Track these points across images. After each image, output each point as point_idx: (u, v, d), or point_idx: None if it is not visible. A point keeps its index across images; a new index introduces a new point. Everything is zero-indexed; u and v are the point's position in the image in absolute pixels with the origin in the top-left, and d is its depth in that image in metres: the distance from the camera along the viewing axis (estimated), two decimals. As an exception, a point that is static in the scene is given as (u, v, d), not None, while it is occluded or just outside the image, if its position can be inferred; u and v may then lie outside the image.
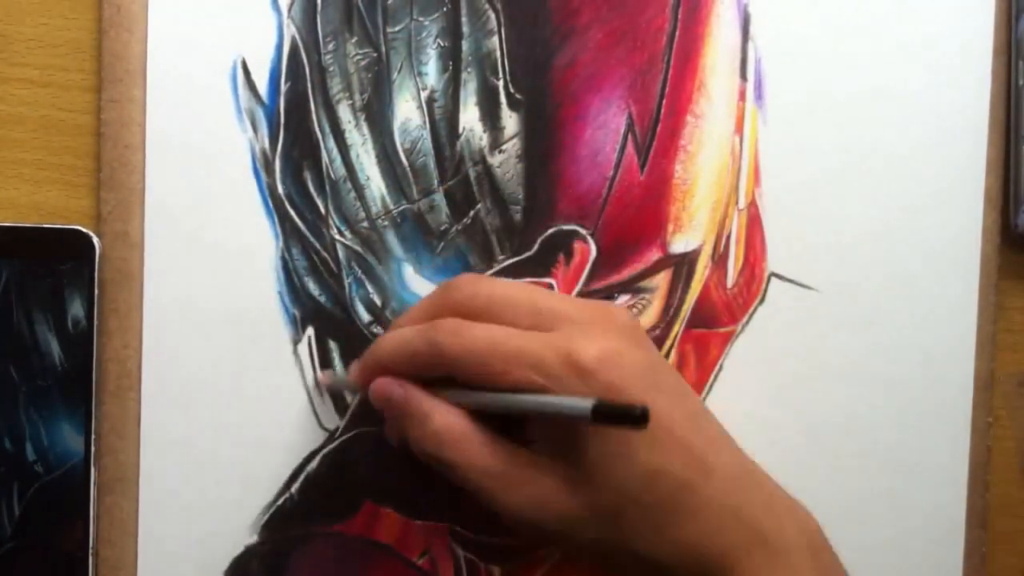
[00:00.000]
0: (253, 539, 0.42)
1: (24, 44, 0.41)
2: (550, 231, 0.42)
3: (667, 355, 0.42)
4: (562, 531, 0.35)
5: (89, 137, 0.41)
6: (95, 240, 0.40)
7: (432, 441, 0.36)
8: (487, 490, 0.35)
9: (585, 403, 0.32)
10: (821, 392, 0.42)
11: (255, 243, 0.41)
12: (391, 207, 0.42)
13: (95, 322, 0.40)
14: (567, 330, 0.35)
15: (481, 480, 0.35)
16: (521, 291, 0.37)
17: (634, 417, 0.31)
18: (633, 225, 0.42)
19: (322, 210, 0.42)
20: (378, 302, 0.42)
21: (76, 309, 0.41)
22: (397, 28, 0.41)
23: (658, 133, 0.42)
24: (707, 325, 0.42)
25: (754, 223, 0.42)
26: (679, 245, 0.42)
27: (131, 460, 0.41)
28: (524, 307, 0.36)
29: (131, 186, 0.41)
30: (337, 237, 0.42)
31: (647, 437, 0.34)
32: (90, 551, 0.41)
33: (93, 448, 0.41)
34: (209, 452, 0.41)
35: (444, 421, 0.36)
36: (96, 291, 0.40)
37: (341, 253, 0.42)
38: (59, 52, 0.41)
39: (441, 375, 0.36)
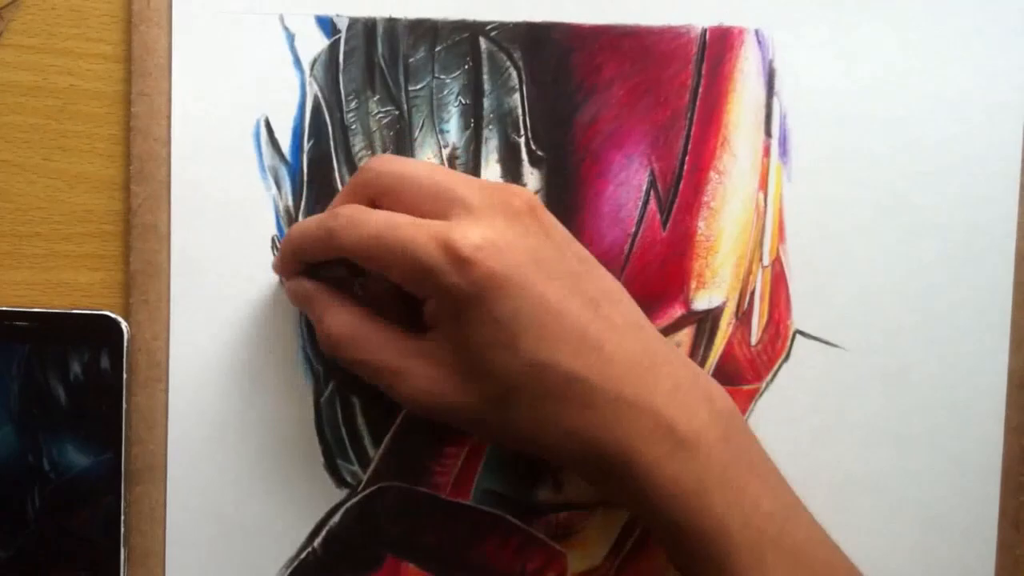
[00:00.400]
0: (277, 592, 0.42)
1: (98, 19, 0.42)
2: (572, 287, 0.41)
3: (690, 412, 0.42)
4: (456, 417, 0.36)
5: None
6: (124, 328, 0.41)
7: (327, 343, 0.37)
8: (384, 383, 0.36)
9: None
10: (847, 450, 0.42)
11: (280, 299, 0.42)
12: (413, 264, 0.42)
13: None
14: (458, 217, 0.35)
15: (378, 375, 0.36)
16: (426, 172, 0.37)
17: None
18: (655, 281, 0.41)
19: (346, 266, 0.42)
20: (400, 358, 0.42)
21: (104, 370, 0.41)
22: (419, 86, 0.41)
23: (680, 189, 0.41)
24: (731, 382, 0.42)
25: (779, 280, 0.42)
26: (702, 302, 0.42)
27: (160, 450, 0.42)
28: (426, 189, 0.36)
29: (160, 179, 0.41)
30: (359, 293, 0.42)
31: (535, 326, 0.34)
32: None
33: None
34: (232, 506, 0.42)
35: (335, 322, 0.37)
36: (125, 375, 0.41)
37: (364, 309, 0.42)
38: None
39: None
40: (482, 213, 0.35)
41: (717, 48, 0.41)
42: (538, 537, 0.42)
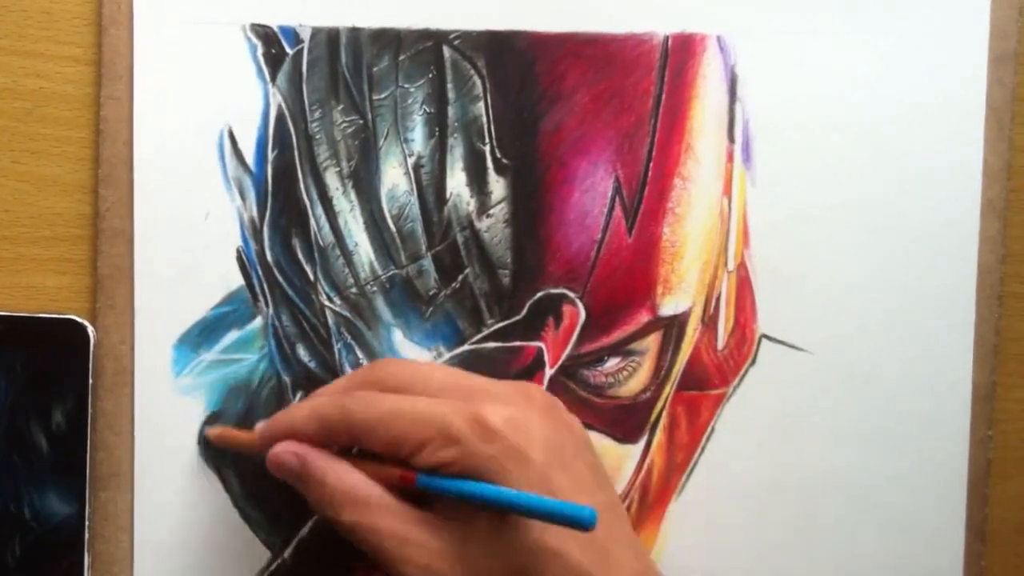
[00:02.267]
0: (247, 604, 0.42)
1: (69, 22, 0.41)
2: (539, 295, 0.42)
3: (658, 418, 0.42)
4: None
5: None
6: (90, 332, 0.41)
7: (328, 502, 0.36)
8: (388, 550, 0.35)
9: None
10: (815, 453, 0.42)
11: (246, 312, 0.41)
12: (380, 273, 0.42)
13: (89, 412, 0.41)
14: (482, 402, 0.35)
15: (382, 540, 0.35)
16: (442, 370, 0.38)
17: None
18: (622, 288, 0.42)
19: (311, 277, 0.42)
20: (368, 367, 0.42)
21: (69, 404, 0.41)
22: (383, 95, 0.41)
23: (645, 196, 0.41)
24: (698, 387, 0.42)
25: (744, 284, 0.42)
26: (669, 307, 0.42)
27: (126, 455, 0.41)
28: (442, 382, 0.36)
29: (129, 183, 0.41)
30: (326, 303, 0.42)
31: None
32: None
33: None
34: (200, 521, 0.41)
35: (338, 481, 0.36)
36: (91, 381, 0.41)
37: (331, 319, 0.42)
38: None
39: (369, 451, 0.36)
40: (507, 399, 0.36)
41: (680, 55, 0.41)
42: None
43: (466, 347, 0.42)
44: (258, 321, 0.42)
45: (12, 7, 0.41)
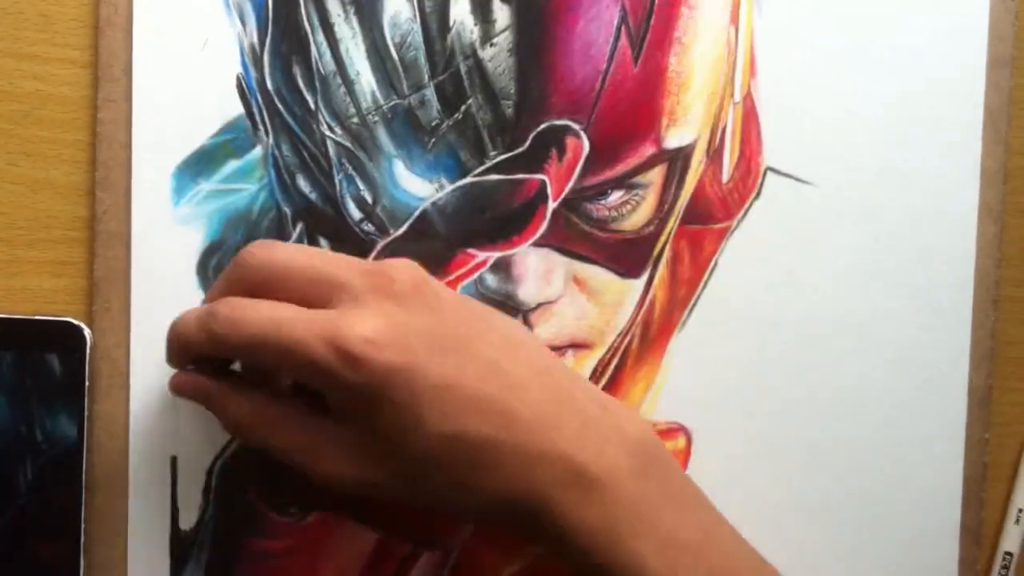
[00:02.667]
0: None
1: (66, 24, 0.41)
2: (542, 126, 0.41)
3: (660, 252, 0.42)
4: (369, 493, 0.35)
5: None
6: (87, 335, 0.40)
7: (234, 429, 0.37)
8: (296, 463, 0.35)
9: None
10: (818, 288, 0.42)
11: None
12: (381, 102, 0.41)
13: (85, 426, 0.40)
14: (343, 305, 0.34)
15: (289, 456, 0.35)
16: (303, 260, 0.36)
17: None
18: (627, 119, 0.41)
19: (312, 106, 0.41)
20: (369, 199, 0.41)
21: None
22: (386, -82, 0.40)
23: (652, 25, 0.41)
24: (702, 221, 0.42)
25: (750, 116, 0.41)
26: (674, 139, 0.41)
27: (122, 459, 0.41)
28: (305, 277, 0.35)
29: (126, 186, 0.40)
30: (327, 133, 0.41)
31: (437, 403, 0.33)
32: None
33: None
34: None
35: (239, 411, 0.36)
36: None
37: (331, 149, 0.41)
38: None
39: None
40: (367, 300, 0.34)
41: None
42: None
43: (468, 179, 0.41)
44: (258, 151, 0.41)
45: (9, 9, 0.40)
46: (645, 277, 0.42)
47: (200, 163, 0.41)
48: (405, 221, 0.41)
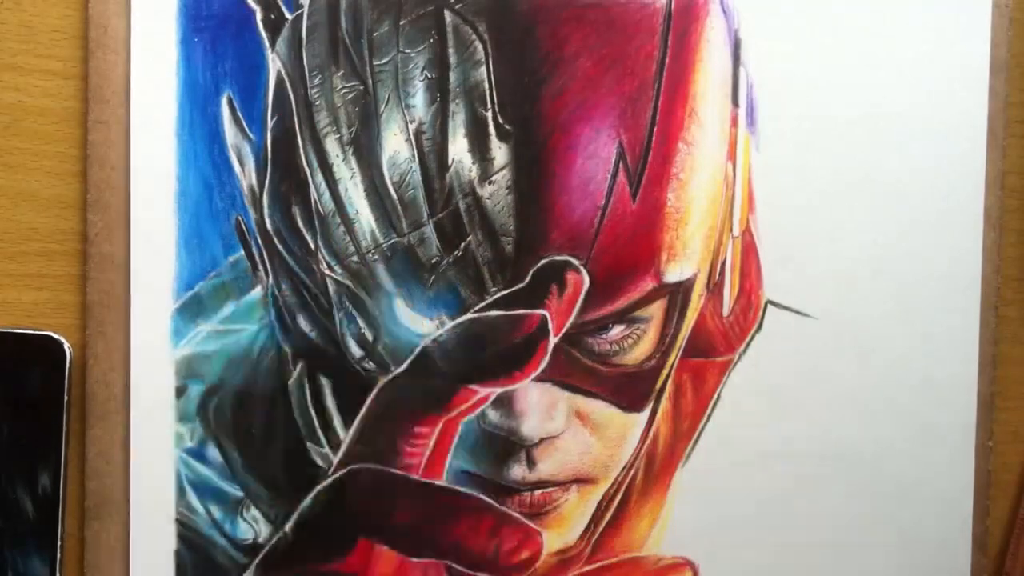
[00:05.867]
0: (248, 579, 0.41)
1: (48, 36, 0.40)
2: (542, 262, 0.41)
3: (663, 386, 0.42)
4: None
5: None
6: (67, 349, 0.40)
7: None
8: None
9: None
10: (822, 420, 0.41)
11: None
12: (381, 241, 0.41)
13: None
14: None
15: None
16: None
17: None
18: (626, 254, 0.41)
19: (311, 245, 0.41)
20: (369, 337, 0.41)
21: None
22: (383, 60, 0.41)
23: (649, 161, 0.41)
24: (704, 354, 0.42)
25: (749, 250, 0.41)
26: (673, 274, 0.41)
27: (118, 484, 0.41)
28: None
29: (117, 207, 0.40)
30: (327, 272, 0.41)
31: None
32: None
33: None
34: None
35: None
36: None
37: (331, 288, 0.41)
38: (85, 44, 0.40)
39: None
40: None
41: (682, 18, 0.41)
42: (512, 516, 0.42)
43: (469, 315, 0.41)
44: (258, 291, 0.41)
45: (-8, 20, 0.40)
46: (648, 411, 0.42)
47: (199, 305, 0.41)
48: (406, 358, 0.41)
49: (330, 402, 0.41)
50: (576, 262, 0.41)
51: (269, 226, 0.41)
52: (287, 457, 0.41)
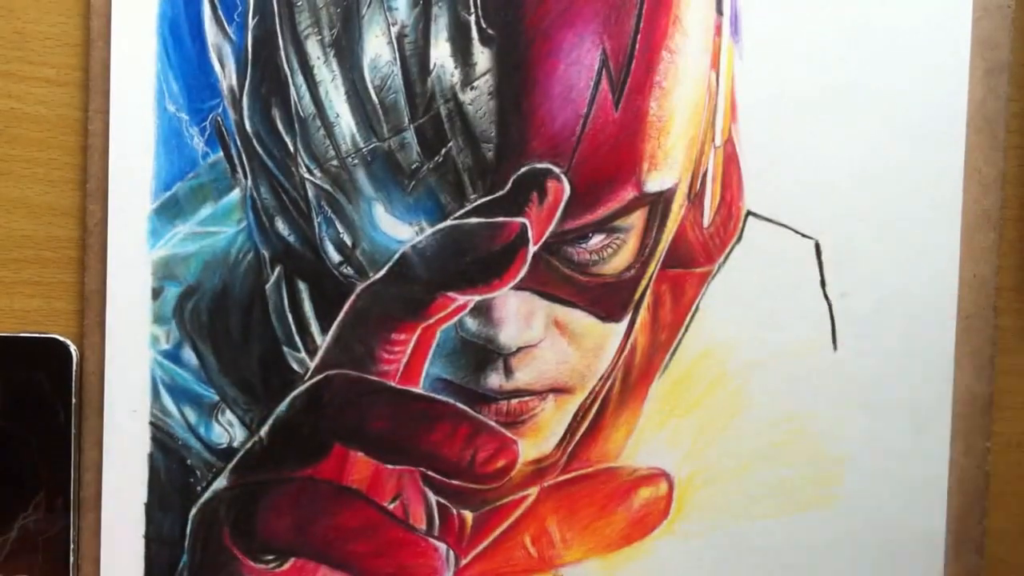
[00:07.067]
0: (222, 484, 0.41)
1: (42, 43, 0.40)
2: (523, 169, 0.41)
3: (642, 296, 0.41)
4: None
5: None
6: (73, 351, 0.40)
7: None
8: None
9: None
10: (801, 333, 0.41)
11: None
12: (361, 145, 0.41)
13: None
14: None
15: None
16: None
17: None
18: (607, 163, 0.41)
19: (291, 148, 0.41)
20: (348, 242, 0.41)
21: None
22: (366, -39, 0.40)
23: (633, 69, 0.41)
24: (683, 265, 0.41)
25: (731, 161, 0.41)
26: (654, 183, 0.41)
27: (93, 386, 0.41)
28: None
29: (97, 104, 0.40)
30: (306, 176, 0.41)
31: None
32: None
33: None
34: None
35: None
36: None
37: (310, 192, 0.41)
38: (78, 51, 0.40)
39: None
40: None
41: (669, -76, 0.40)
42: (489, 424, 0.41)
43: (448, 222, 0.41)
44: (236, 193, 0.41)
45: (-17, 26, 0.40)
46: (626, 321, 0.41)
47: (177, 206, 0.41)
48: (384, 264, 0.41)
49: (307, 307, 0.41)
50: (557, 170, 0.41)
51: (248, 127, 0.41)
52: (263, 361, 0.41)
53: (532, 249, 0.41)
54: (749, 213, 0.41)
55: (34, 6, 0.40)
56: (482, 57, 0.41)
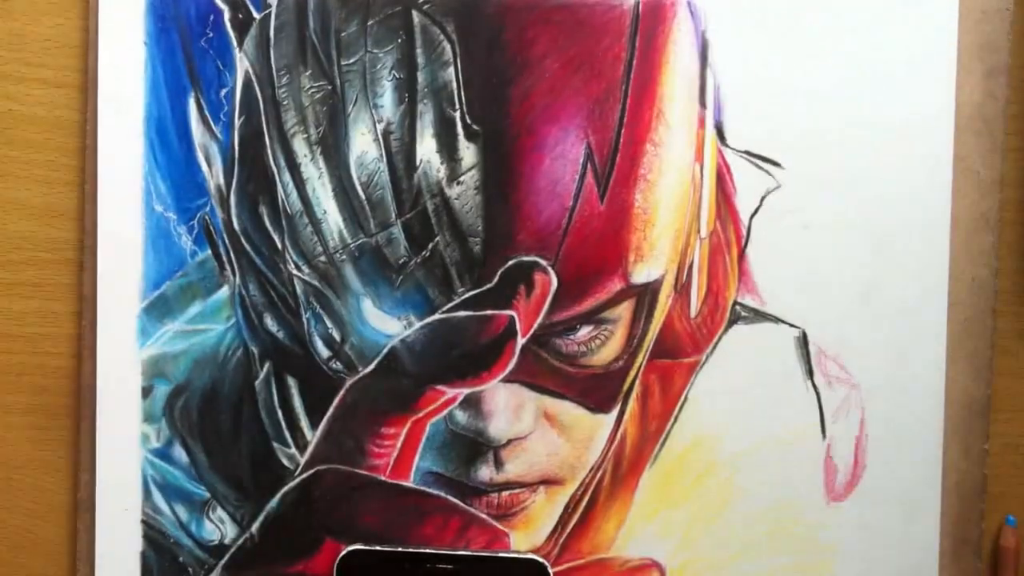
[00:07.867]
0: (214, 580, 0.41)
1: (40, 45, 0.40)
2: (510, 263, 0.41)
3: (631, 387, 0.42)
4: None
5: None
6: None
7: None
8: None
9: None
10: (790, 421, 0.41)
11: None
12: (349, 241, 0.41)
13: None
14: None
15: None
16: None
17: None
18: (594, 255, 0.41)
19: (279, 245, 0.41)
20: (337, 337, 0.41)
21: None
22: (351, 60, 0.41)
23: (617, 162, 0.41)
24: (671, 355, 0.42)
25: (716, 251, 0.41)
26: (641, 275, 0.41)
27: (86, 484, 0.41)
28: None
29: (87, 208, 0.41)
30: (294, 272, 0.41)
31: None
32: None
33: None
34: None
35: None
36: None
37: (299, 288, 0.41)
38: (76, 52, 0.41)
39: None
40: None
41: (650, 20, 0.41)
42: (480, 517, 0.41)
43: (437, 316, 0.41)
44: (224, 291, 0.41)
45: (-20, 29, 0.40)
46: (616, 412, 0.42)
47: (166, 305, 0.41)
48: (373, 359, 0.41)
49: (297, 402, 0.41)
50: (544, 263, 0.41)
51: (236, 226, 0.41)
52: (254, 458, 0.41)
53: (520, 341, 0.41)
54: (736, 303, 0.41)
55: (32, 7, 0.40)
56: (468, 152, 0.41)
